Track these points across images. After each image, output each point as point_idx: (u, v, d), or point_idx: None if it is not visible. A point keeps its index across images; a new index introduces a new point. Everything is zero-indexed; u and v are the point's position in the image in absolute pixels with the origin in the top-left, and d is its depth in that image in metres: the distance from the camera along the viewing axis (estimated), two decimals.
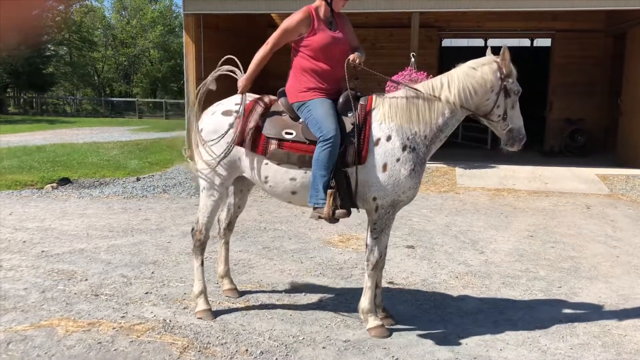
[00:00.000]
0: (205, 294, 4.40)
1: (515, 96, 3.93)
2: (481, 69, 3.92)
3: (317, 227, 7.12)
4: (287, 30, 4.09)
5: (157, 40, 44.28)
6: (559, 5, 11.36)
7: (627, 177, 10.59)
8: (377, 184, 3.95)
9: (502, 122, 3.96)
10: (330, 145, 3.85)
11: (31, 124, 25.50)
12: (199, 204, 4.41)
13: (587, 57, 14.96)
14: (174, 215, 7.81)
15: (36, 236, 6.58)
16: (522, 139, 4.00)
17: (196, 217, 4.45)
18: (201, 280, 4.40)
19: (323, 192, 3.90)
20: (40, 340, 3.92)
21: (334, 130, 3.87)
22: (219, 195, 4.34)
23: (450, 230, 7.18)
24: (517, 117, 3.98)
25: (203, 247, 4.43)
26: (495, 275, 5.50)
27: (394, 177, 3.94)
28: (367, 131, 3.97)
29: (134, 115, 35.41)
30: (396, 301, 4.77)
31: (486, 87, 3.90)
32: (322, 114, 3.95)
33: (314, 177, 3.93)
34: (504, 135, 3.99)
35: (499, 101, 3.91)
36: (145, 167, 11.96)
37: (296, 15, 4.09)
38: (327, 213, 3.91)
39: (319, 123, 3.92)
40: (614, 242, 6.79)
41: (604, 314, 4.60)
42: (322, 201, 3.92)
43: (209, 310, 4.36)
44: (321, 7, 4.16)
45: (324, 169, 3.88)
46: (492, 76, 3.89)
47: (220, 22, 13.56)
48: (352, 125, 3.97)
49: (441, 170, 11.26)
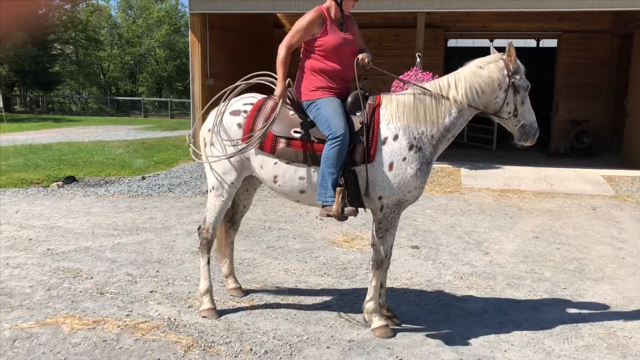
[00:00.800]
0: (211, 293, 4.42)
1: (524, 92, 3.93)
2: (488, 67, 3.92)
3: (322, 227, 7.12)
4: (301, 30, 4.08)
5: (163, 40, 44.35)
6: (565, 5, 11.33)
7: (632, 179, 10.55)
8: (384, 182, 3.96)
9: (514, 119, 3.95)
10: (339, 143, 3.86)
11: (37, 122, 25.60)
12: (207, 204, 4.43)
13: (593, 57, 14.91)
14: (179, 214, 7.83)
15: (42, 234, 6.61)
16: (535, 134, 3.97)
17: (203, 216, 4.46)
18: (207, 279, 4.41)
19: (332, 190, 3.90)
20: (46, 337, 3.94)
21: (342, 129, 3.88)
22: (228, 196, 4.36)
23: (455, 231, 7.17)
24: (528, 112, 3.96)
25: (209, 246, 4.45)
26: (500, 276, 5.49)
27: (399, 176, 3.94)
28: (375, 130, 3.98)
29: (139, 114, 35.50)
30: (400, 301, 4.77)
31: (493, 85, 3.89)
32: (331, 112, 3.95)
33: (322, 175, 3.93)
34: (516, 131, 3.98)
35: (507, 98, 3.91)
36: (150, 165, 11.99)
37: (308, 16, 4.09)
38: (336, 211, 3.91)
39: (328, 121, 3.93)
40: (619, 243, 6.76)
41: (609, 315, 4.59)
42: (330, 199, 3.92)
43: (214, 309, 4.37)
44: (332, 7, 4.16)
45: (332, 166, 3.88)
46: (499, 74, 3.89)
47: (225, 21, 13.58)
48: (361, 124, 3.97)
49: (446, 170, 11.25)
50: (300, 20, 4.10)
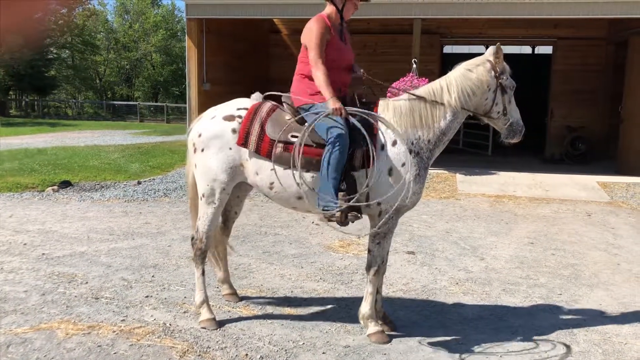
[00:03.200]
0: (207, 303, 4.32)
1: (511, 91, 4.05)
2: (476, 70, 4.01)
3: (318, 232, 7.12)
4: (320, 43, 4.01)
5: (159, 44, 44.36)
6: (560, 12, 11.40)
7: (627, 185, 10.60)
8: (382, 188, 3.96)
9: (503, 118, 4.07)
10: (340, 146, 3.83)
11: (32, 126, 25.50)
12: (199, 212, 4.35)
13: (589, 64, 14.99)
14: (174, 219, 7.81)
15: (37, 239, 6.59)
16: (521, 130, 4.12)
17: (196, 226, 4.40)
18: (202, 290, 4.33)
19: (334, 194, 3.87)
20: (40, 343, 3.92)
21: (342, 131, 3.86)
22: (220, 203, 4.28)
23: (450, 237, 7.18)
24: (515, 110, 4.11)
25: (204, 257, 4.37)
26: (496, 282, 5.50)
27: (398, 181, 3.95)
28: (374, 136, 3.99)
29: (135, 118, 35.45)
30: (396, 307, 4.77)
31: (483, 87, 4.00)
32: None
33: (323, 180, 3.90)
34: (504, 129, 4.10)
35: (497, 99, 4.03)
36: (146, 170, 11.97)
37: (316, 28, 4.03)
38: (339, 215, 3.91)
39: (328, 125, 3.92)
40: (614, 249, 6.78)
41: (604, 321, 4.60)
42: (333, 204, 3.88)
43: (213, 319, 4.27)
44: (333, 14, 4.17)
45: (334, 171, 3.85)
46: (487, 76, 3.99)
47: (222, 26, 13.59)
48: (360, 130, 3.96)
49: (442, 176, 11.27)
50: (310, 34, 4.04)
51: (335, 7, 4.16)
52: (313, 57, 4.01)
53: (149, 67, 46.66)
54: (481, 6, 11.58)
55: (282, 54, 15.60)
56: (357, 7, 4.24)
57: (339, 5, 4.16)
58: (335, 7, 4.16)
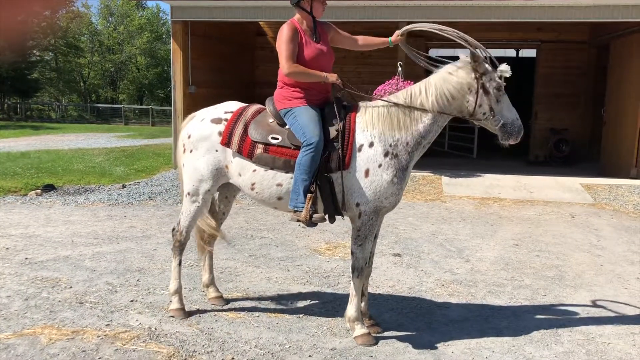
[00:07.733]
0: (180, 293, 4.50)
1: (497, 92, 3.90)
2: (457, 73, 3.97)
3: (304, 235, 7.11)
4: (287, 46, 4.09)
5: (144, 47, 44.08)
6: (543, 16, 11.51)
7: (610, 187, 10.72)
8: (360, 189, 4.00)
9: (492, 119, 3.94)
10: (313, 150, 3.91)
11: (15, 129, 25.19)
12: (182, 207, 4.49)
13: (572, 67, 15.16)
14: (159, 222, 7.77)
15: (20, 243, 6.51)
16: (519, 131, 3.94)
17: (178, 219, 4.54)
18: (177, 280, 4.50)
19: (303, 196, 3.98)
20: (23, 349, 3.87)
21: (317, 136, 3.94)
22: (203, 202, 4.42)
23: (436, 239, 7.21)
24: (507, 109, 3.94)
25: (182, 248, 4.56)
26: (481, 284, 5.53)
27: (375, 182, 3.98)
28: (350, 138, 4.02)
29: (120, 121, 35.15)
30: (382, 309, 4.78)
31: (464, 89, 3.93)
32: (306, 120, 4.02)
33: (295, 181, 4.00)
34: (498, 131, 3.97)
35: (479, 100, 3.91)
36: (131, 174, 11.88)
37: (285, 32, 4.12)
38: (304, 216, 3.98)
39: (303, 129, 4.00)
40: (597, 250, 6.86)
41: (588, 322, 4.64)
42: (301, 205, 4.00)
43: (182, 309, 4.46)
44: (302, 17, 4.23)
45: (305, 173, 3.94)
46: (468, 78, 3.92)
47: (208, 29, 13.54)
48: (336, 132, 4.02)
49: (427, 178, 11.32)
50: (278, 40, 4.16)
51: (303, 10, 4.20)
52: (282, 60, 4.10)
53: (133, 70, 46.34)
54: (466, 10, 11.67)
55: (268, 56, 15.52)
56: (325, 3, 4.27)
57: (307, 8, 4.19)
58: (303, 11, 4.19)
